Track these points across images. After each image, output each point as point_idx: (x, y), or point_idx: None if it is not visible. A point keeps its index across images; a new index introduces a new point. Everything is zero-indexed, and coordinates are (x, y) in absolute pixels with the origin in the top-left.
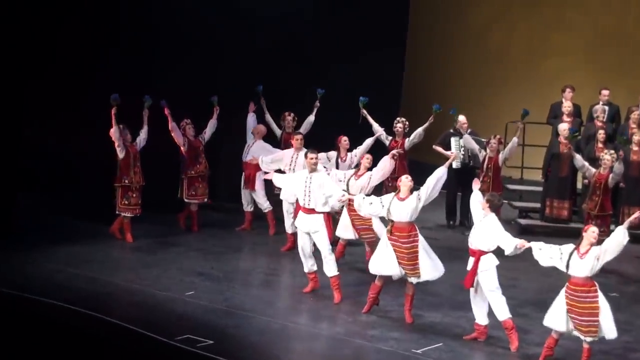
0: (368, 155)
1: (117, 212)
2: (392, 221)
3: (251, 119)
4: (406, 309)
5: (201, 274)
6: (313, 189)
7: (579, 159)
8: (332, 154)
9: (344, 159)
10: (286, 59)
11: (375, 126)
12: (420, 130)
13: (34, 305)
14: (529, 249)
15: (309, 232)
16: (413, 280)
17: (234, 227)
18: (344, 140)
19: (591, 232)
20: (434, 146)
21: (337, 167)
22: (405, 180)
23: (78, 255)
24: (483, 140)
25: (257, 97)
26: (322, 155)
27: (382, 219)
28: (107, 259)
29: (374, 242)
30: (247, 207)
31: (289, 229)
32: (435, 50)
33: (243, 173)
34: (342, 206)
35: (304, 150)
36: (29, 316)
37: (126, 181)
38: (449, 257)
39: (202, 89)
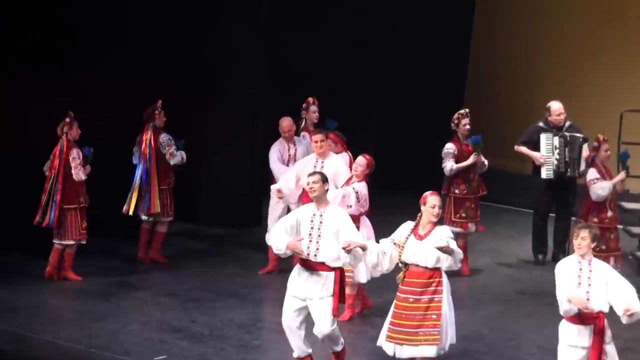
0: (358, 158)
1: (61, 242)
2: (406, 265)
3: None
4: None
5: (177, 330)
6: (325, 231)
7: None
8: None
9: None
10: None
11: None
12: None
13: None
14: None
15: (305, 299)
16: (427, 352)
17: (228, 262)
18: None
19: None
20: (516, 146)
21: None
22: (431, 210)
23: None
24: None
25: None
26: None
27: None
28: (41, 308)
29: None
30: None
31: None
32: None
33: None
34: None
35: (332, 156)
36: None
37: (82, 201)
38: (542, 312)
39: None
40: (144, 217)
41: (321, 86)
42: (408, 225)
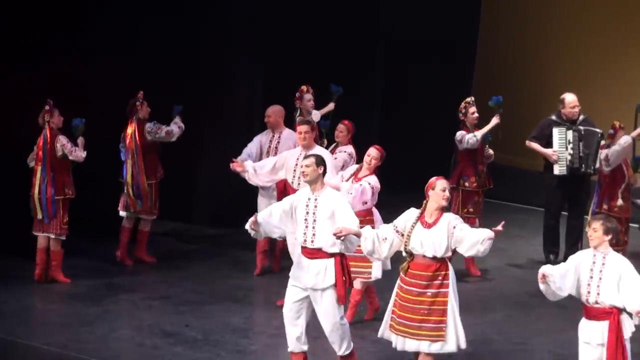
0: (370, 150)
1: (43, 234)
2: (411, 255)
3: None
4: None
5: (170, 335)
6: (320, 215)
7: None
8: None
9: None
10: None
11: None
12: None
13: None
14: None
15: (307, 288)
16: (432, 347)
17: (224, 263)
18: (338, 128)
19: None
20: (527, 142)
21: None
22: (442, 193)
23: None
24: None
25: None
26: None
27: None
28: (27, 312)
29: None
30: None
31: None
32: None
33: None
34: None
35: (317, 148)
36: None
37: (69, 192)
38: (554, 315)
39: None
40: (123, 214)
41: (322, 80)
42: (413, 212)
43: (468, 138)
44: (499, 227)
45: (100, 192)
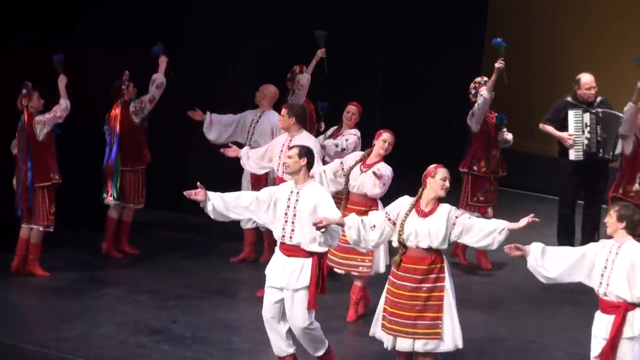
0: (386, 135)
1: (30, 226)
2: (405, 248)
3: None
4: None
5: (156, 332)
6: (301, 209)
7: None
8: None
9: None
10: None
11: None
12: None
13: None
14: None
15: (282, 288)
16: (427, 346)
17: (214, 255)
18: (347, 109)
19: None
20: (541, 124)
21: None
22: (442, 182)
23: None
24: (620, 115)
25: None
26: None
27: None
28: (3, 308)
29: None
30: (248, 223)
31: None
32: None
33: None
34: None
35: (301, 133)
36: None
37: (55, 177)
38: (569, 312)
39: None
40: (108, 202)
41: (323, 71)
42: (406, 200)
43: (477, 101)
44: (524, 222)
45: (85, 178)
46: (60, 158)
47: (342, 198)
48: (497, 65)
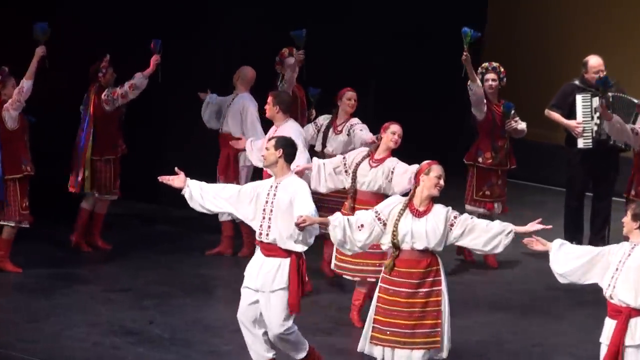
0: (394, 127)
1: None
2: (398, 250)
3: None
4: None
5: (132, 333)
6: (277, 204)
7: None
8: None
9: (338, 129)
10: None
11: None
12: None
13: None
14: None
15: (258, 290)
16: (425, 357)
17: (194, 250)
18: (348, 96)
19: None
20: (547, 111)
21: (324, 145)
22: (436, 180)
23: None
24: (635, 101)
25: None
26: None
27: None
28: None
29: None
30: (224, 216)
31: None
32: None
33: (220, 153)
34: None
35: (287, 122)
36: None
37: (28, 169)
38: (576, 313)
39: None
40: (71, 190)
41: (320, 68)
42: (398, 199)
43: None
44: (533, 227)
45: (58, 168)
46: (34, 146)
47: (348, 196)
48: (462, 58)
